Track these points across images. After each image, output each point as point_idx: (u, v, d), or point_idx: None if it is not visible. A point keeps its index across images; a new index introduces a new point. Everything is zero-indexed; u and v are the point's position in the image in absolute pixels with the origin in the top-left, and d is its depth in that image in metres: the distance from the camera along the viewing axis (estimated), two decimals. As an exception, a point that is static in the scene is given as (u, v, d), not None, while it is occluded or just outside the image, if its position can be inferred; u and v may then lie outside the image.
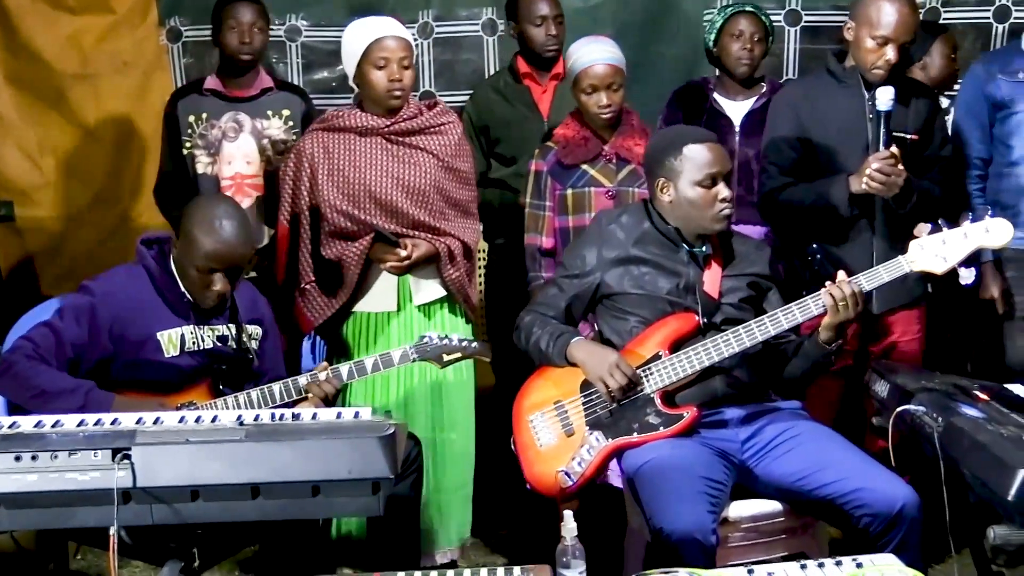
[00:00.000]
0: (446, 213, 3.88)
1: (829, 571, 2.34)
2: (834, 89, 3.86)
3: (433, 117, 3.86)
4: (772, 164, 3.91)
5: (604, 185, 4.03)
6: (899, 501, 2.96)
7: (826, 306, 3.16)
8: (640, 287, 3.37)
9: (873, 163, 3.60)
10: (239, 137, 4.30)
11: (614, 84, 3.99)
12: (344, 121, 3.81)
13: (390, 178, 3.77)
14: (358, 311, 3.88)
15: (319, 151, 3.80)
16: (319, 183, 3.78)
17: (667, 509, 2.92)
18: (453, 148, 3.88)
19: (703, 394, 3.30)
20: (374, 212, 3.77)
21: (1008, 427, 2.80)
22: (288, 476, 2.45)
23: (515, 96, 4.60)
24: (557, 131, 4.15)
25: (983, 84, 4.13)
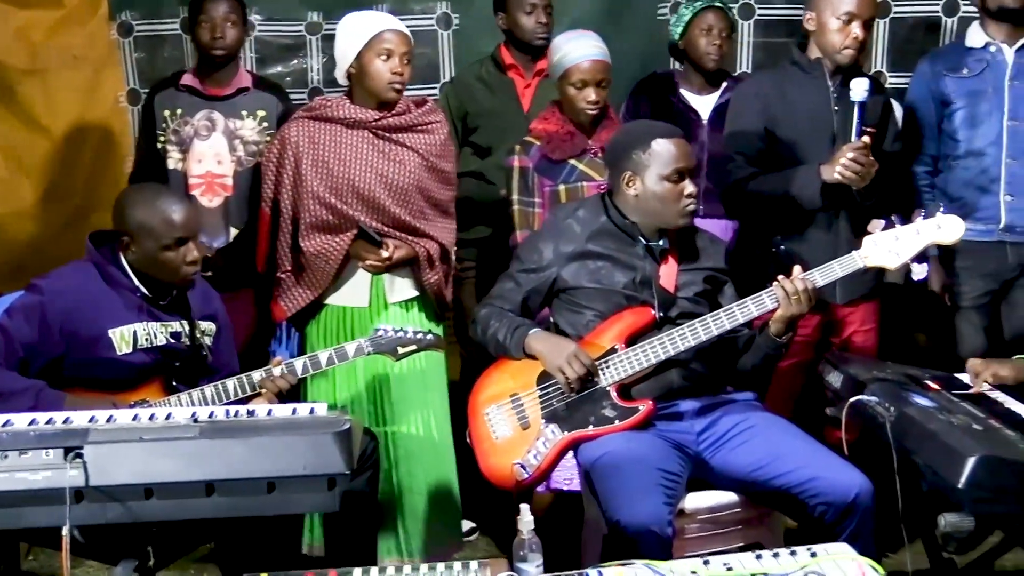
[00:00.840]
0: (426, 213, 3.86)
1: (784, 561, 2.35)
2: (801, 80, 3.89)
3: (421, 115, 3.84)
4: (739, 154, 3.92)
5: (596, 179, 3.98)
6: (853, 490, 2.99)
7: (778, 299, 3.18)
8: (596, 281, 3.38)
9: (848, 152, 3.62)
10: (211, 136, 4.25)
11: (603, 80, 3.96)
12: (332, 111, 3.79)
13: (374, 173, 3.76)
14: (331, 304, 3.86)
15: (304, 139, 3.77)
16: (302, 172, 3.76)
17: (623, 502, 2.93)
18: (438, 148, 3.87)
19: (659, 387, 3.31)
20: (355, 206, 3.75)
21: (958, 416, 2.84)
22: (243, 473, 2.44)
23: (499, 86, 4.56)
24: (536, 126, 4.10)
25: (930, 81, 4.17)
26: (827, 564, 2.31)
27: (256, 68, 4.97)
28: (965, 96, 4.10)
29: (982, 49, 4.12)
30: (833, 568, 2.29)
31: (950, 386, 3.23)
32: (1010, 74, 4.05)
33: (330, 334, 3.85)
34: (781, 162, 3.85)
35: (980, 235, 4.11)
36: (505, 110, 4.50)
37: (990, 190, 4.09)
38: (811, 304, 3.19)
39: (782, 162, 3.85)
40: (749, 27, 5.16)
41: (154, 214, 3.22)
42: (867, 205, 3.77)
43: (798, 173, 3.78)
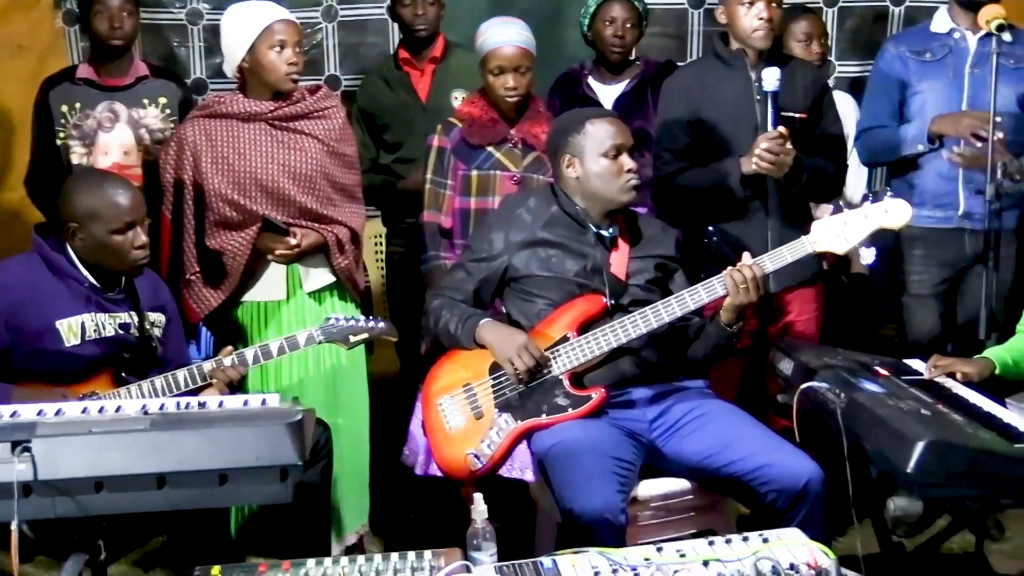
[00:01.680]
0: (333, 198, 3.82)
1: (737, 547, 2.37)
2: (722, 72, 3.91)
3: (316, 102, 3.80)
4: (666, 150, 3.94)
5: (510, 169, 4.00)
6: (804, 476, 3.02)
7: (727, 288, 3.19)
8: (548, 269, 3.38)
9: (762, 143, 3.65)
10: (115, 127, 4.18)
11: (522, 67, 3.96)
12: (226, 107, 3.74)
13: (275, 164, 3.71)
14: (247, 300, 3.82)
15: (201, 138, 3.72)
16: (202, 171, 3.70)
17: (577, 490, 2.94)
18: (337, 132, 3.83)
19: (611, 375, 3.32)
20: (260, 199, 3.70)
21: (907, 401, 2.87)
22: (194, 465, 2.42)
23: (396, 82, 4.60)
24: (462, 108, 4.11)
25: (892, 63, 4.20)
26: (779, 549, 2.33)
27: (204, 57, 5.04)
28: (926, 80, 4.13)
29: (946, 35, 4.16)
30: (785, 553, 2.31)
31: (899, 372, 3.27)
32: (971, 61, 4.08)
33: (247, 331, 3.81)
34: (709, 154, 3.87)
35: (939, 222, 4.15)
36: (404, 104, 4.55)
37: (949, 177, 4.12)
38: (761, 292, 3.21)
39: (710, 154, 3.86)
40: (699, 16, 5.19)
41: (101, 199, 3.18)
42: (794, 191, 3.80)
43: (721, 166, 3.80)
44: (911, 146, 4.10)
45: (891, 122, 4.22)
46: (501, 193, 3.95)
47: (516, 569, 2.34)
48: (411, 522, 4.31)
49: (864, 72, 5.02)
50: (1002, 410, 2.95)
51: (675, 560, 2.30)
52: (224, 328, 3.86)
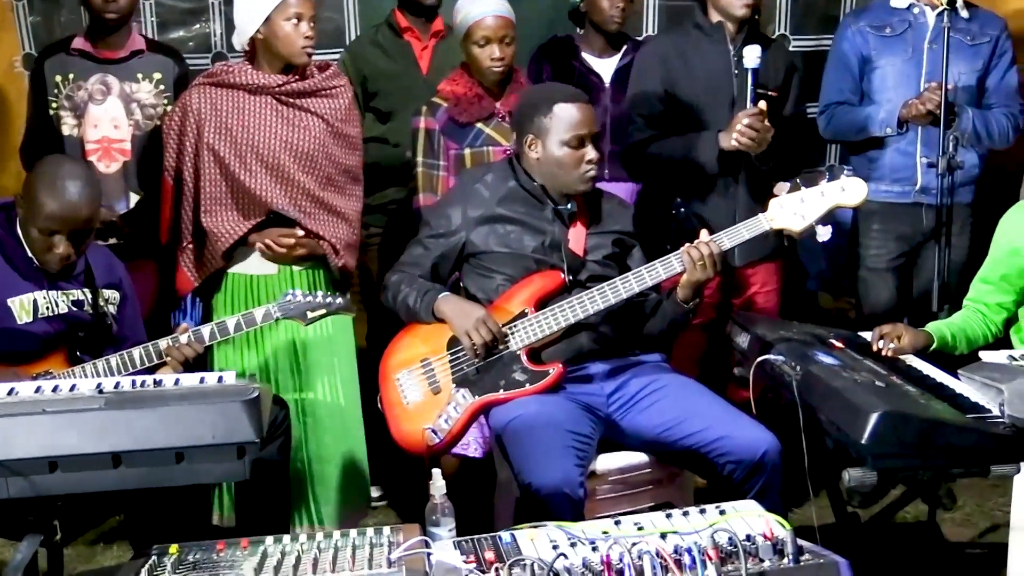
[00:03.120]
0: (334, 179, 3.82)
1: (694, 519, 2.38)
2: (701, 43, 3.91)
3: (325, 80, 3.79)
4: (639, 116, 3.94)
5: (502, 144, 3.96)
6: (761, 448, 3.04)
7: (683, 265, 3.21)
8: (506, 245, 3.38)
9: (743, 119, 3.66)
10: (106, 100, 4.13)
11: (507, 37, 3.92)
12: (235, 77, 3.72)
13: (278, 140, 3.71)
14: (237, 273, 3.81)
15: (206, 106, 3.71)
16: (205, 140, 3.69)
17: (535, 464, 2.95)
18: (343, 112, 3.83)
19: (569, 350, 3.32)
20: (260, 174, 3.70)
21: (862, 373, 2.89)
22: (150, 443, 2.41)
23: (396, 50, 4.51)
24: (444, 87, 4.05)
25: (853, 38, 4.23)
26: (736, 521, 2.34)
27: (157, 33, 4.87)
28: (886, 55, 4.16)
29: (906, 10, 4.19)
30: (741, 525, 2.32)
31: (854, 345, 3.30)
32: (929, 37, 4.12)
33: (238, 303, 3.80)
34: (681, 125, 3.88)
35: (896, 197, 4.19)
36: (404, 73, 4.46)
37: (907, 152, 4.16)
38: (717, 269, 3.22)
39: (682, 125, 3.88)
40: (657, -10, 5.18)
41: (45, 192, 3.11)
42: (764, 169, 3.82)
43: (698, 138, 3.81)
44: (880, 128, 4.12)
45: (853, 97, 4.25)
46: None
47: (475, 544, 2.34)
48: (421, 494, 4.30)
49: (818, 47, 5.04)
50: (954, 381, 2.98)
51: (633, 533, 2.31)
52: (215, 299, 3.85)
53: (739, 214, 3.73)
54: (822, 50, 4.68)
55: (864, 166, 4.17)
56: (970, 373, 2.89)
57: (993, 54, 4.17)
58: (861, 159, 4.25)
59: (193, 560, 2.35)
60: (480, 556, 2.26)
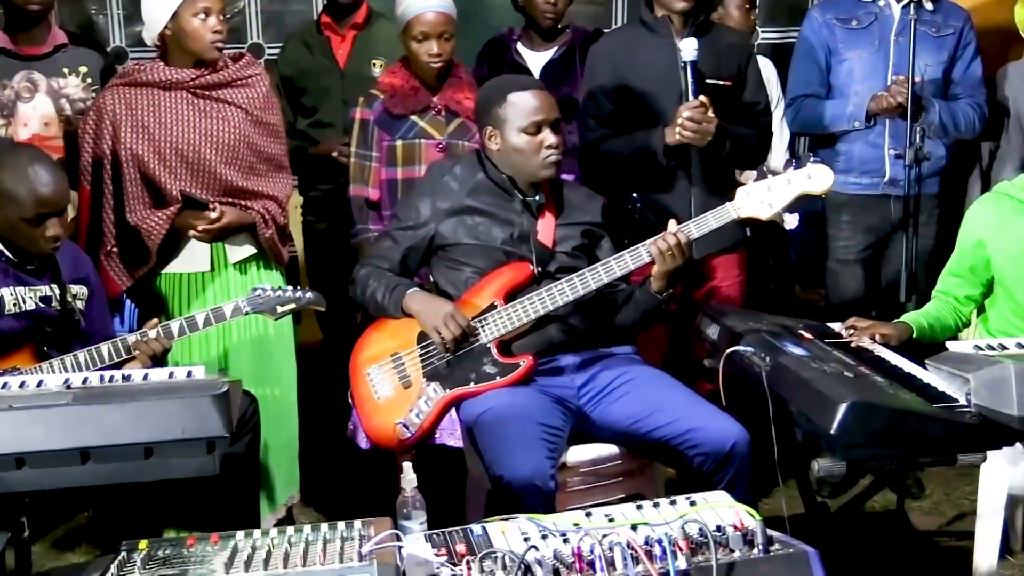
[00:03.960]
0: (256, 168, 3.78)
1: (664, 510, 2.39)
2: (647, 39, 3.91)
3: (239, 70, 3.75)
4: (591, 116, 3.95)
5: (434, 137, 3.99)
6: (730, 439, 3.05)
7: (653, 255, 3.21)
8: (475, 237, 3.37)
9: (684, 112, 3.67)
10: (34, 98, 4.08)
11: (445, 33, 3.94)
12: (147, 75, 3.67)
13: (197, 133, 3.66)
14: (170, 272, 3.77)
15: (121, 107, 3.65)
16: (122, 140, 3.64)
17: (506, 457, 2.95)
18: (261, 101, 3.79)
19: (539, 342, 3.33)
20: (180, 171, 3.65)
21: (831, 364, 2.90)
22: (119, 439, 2.39)
23: (316, 47, 4.56)
24: (383, 79, 4.09)
25: (819, 30, 4.25)
26: (706, 512, 2.35)
27: (124, 25, 4.98)
28: (853, 48, 4.19)
29: (871, 2, 4.22)
30: (711, 515, 2.33)
31: (823, 336, 3.31)
32: (896, 29, 4.15)
33: (171, 303, 3.76)
34: (634, 121, 3.87)
35: (865, 188, 4.22)
36: (322, 69, 4.52)
37: (875, 144, 4.19)
38: (686, 257, 3.23)
39: (635, 121, 3.87)
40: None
41: (20, 183, 3.10)
42: (717, 160, 3.83)
43: (645, 135, 3.81)
44: (848, 122, 4.15)
45: (820, 90, 4.27)
46: (427, 161, 3.94)
47: (446, 537, 2.34)
48: (343, 492, 4.30)
49: (786, 39, 5.06)
50: (922, 371, 3.00)
51: (604, 525, 2.32)
52: (148, 300, 3.80)
53: (695, 206, 3.74)
54: (791, 42, 4.70)
55: (832, 158, 4.20)
56: (937, 363, 2.91)
57: (958, 45, 4.20)
58: (829, 151, 4.27)
59: (163, 556, 2.33)
60: (451, 549, 2.26)
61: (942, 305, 3.53)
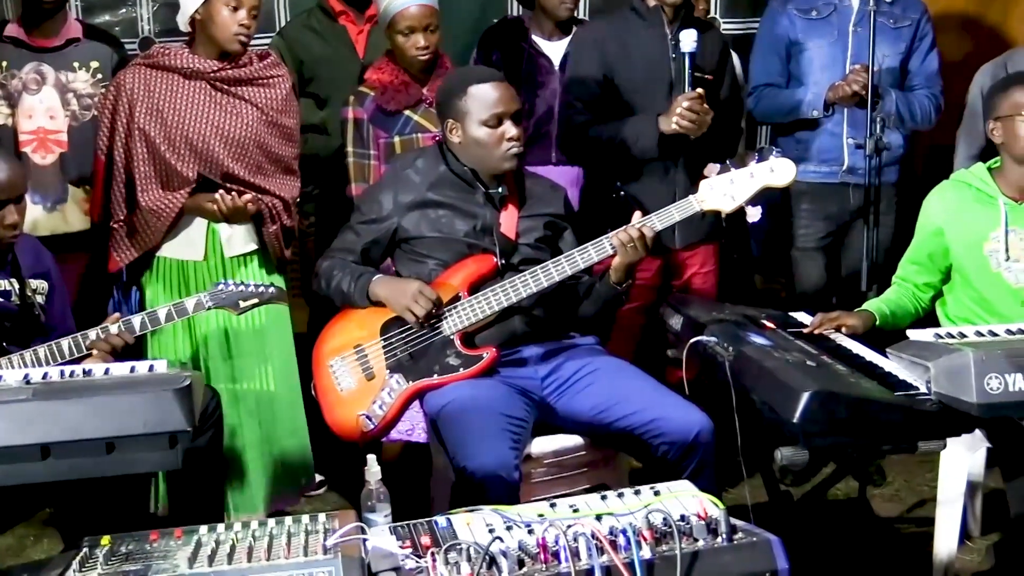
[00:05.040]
0: (264, 168, 3.78)
1: (629, 500, 2.39)
2: (638, 27, 3.92)
3: (263, 68, 3.75)
4: (577, 100, 3.95)
5: (431, 130, 3.96)
6: (694, 429, 3.06)
7: (615, 247, 3.22)
8: (438, 230, 3.37)
9: (683, 102, 3.68)
10: (41, 90, 4.03)
11: (431, 25, 3.92)
12: (170, 60, 3.67)
13: (209, 126, 3.66)
14: (165, 256, 3.77)
15: (139, 87, 3.65)
16: (136, 120, 3.64)
17: (470, 448, 2.95)
18: (280, 103, 3.79)
19: (502, 334, 3.33)
20: (188, 159, 3.65)
21: (793, 353, 2.92)
22: (80, 434, 2.37)
23: (332, 35, 4.48)
24: (370, 75, 4.04)
25: (780, 21, 4.27)
26: (670, 501, 2.36)
27: (83, 17, 4.77)
28: (813, 38, 4.21)
29: None
30: (676, 505, 2.34)
31: (786, 325, 3.33)
32: (854, 20, 4.17)
33: (167, 287, 3.76)
34: (619, 109, 3.89)
35: (824, 177, 4.25)
36: (340, 58, 4.43)
37: (834, 133, 4.21)
38: (648, 250, 3.24)
39: (620, 109, 3.89)
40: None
41: None
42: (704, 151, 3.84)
43: (637, 122, 3.83)
44: (807, 111, 4.17)
45: (780, 79, 4.29)
46: None
47: (411, 529, 2.34)
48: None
49: (746, 30, 5.08)
50: (883, 360, 3.03)
51: (568, 515, 2.32)
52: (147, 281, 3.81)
53: (679, 197, 3.74)
54: (752, 33, 4.71)
55: (792, 147, 4.22)
56: (898, 351, 2.94)
57: (915, 37, 4.24)
58: (789, 140, 4.29)
59: (126, 551, 2.32)
60: (416, 541, 2.26)
61: (902, 291, 3.57)
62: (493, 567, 2.14)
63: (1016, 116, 3.35)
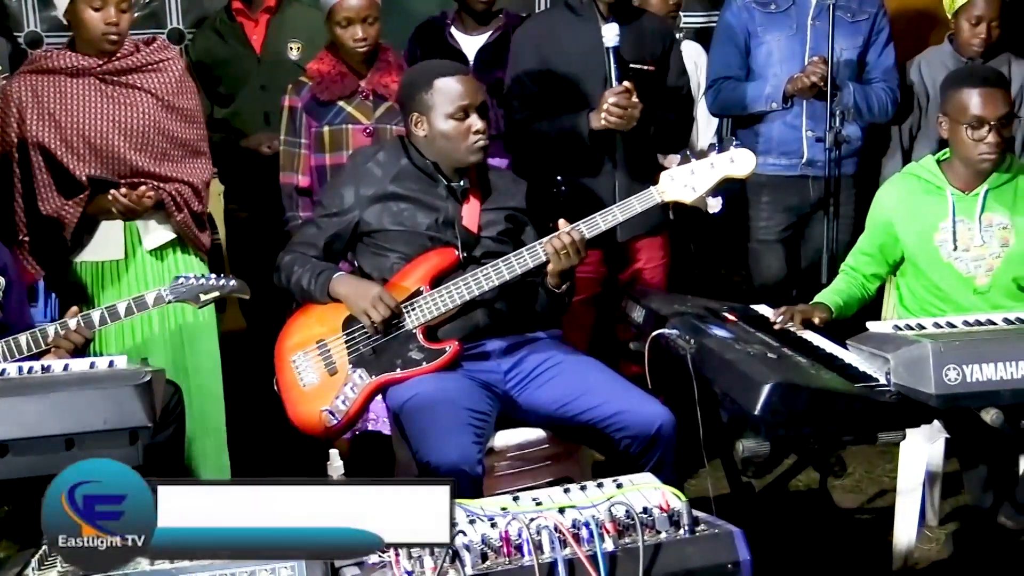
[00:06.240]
0: (170, 154, 3.71)
1: (592, 493, 2.40)
2: (573, 23, 3.91)
3: (151, 54, 3.68)
4: (516, 98, 3.95)
5: (362, 122, 3.96)
6: (656, 421, 3.07)
7: (548, 254, 3.22)
8: (399, 223, 3.36)
9: (609, 98, 3.68)
10: None
11: (369, 17, 3.90)
12: (53, 62, 3.59)
13: (106, 121, 3.59)
14: (84, 260, 3.70)
15: (27, 94, 3.57)
16: (29, 129, 3.56)
17: (433, 442, 2.95)
18: (174, 85, 3.72)
19: (465, 327, 3.32)
20: (89, 159, 3.58)
21: (754, 345, 2.94)
22: (39, 431, 2.36)
23: (229, 34, 4.51)
24: (311, 66, 4.05)
25: (739, 14, 4.28)
26: (632, 494, 2.36)
27: (39, 10, 4.75)
28: (771, 31, 4.23)
29: None
30: (638, 497, 2.35)
31: (746, 318, 3.35)
32: (812, 13, 4.20)
33: (89, 292, 3.70)
34: (559, 104, 3.88)
35: (784, 169, 4.27)
36: (238, 56, 4.47)
37: (793, 125, 4.24)
38: (581, 256, 3.24)
39: (560, 104, 3.88)
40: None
41: None
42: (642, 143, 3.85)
43: (570, 119, 3.82)
44: (765, 103, 4.20)
45: (740, 72, 4.30)
46: (355, 147, 3.91)
47: (374, 524, 2.33)
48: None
49: (709, 23, 5.10)
50: (843, 351, 3.05)
51: (531, 509, 2.33)
52: (67, 289, 3.74)
53: (619, 190, 3.77)
54: (712, 27, 4.73)
55: (752, 140, 4.24)
56: (858, 343, 2.96)
57: (872, 31, 4.27)
58: (748, 132, 4.31)
59: (86, 549, 2.30)
60: (379, 536, 2.26)
61: (851, 280, 3.60)
62: (457, 561, 2.14)
63: (958, 122, 3.37)
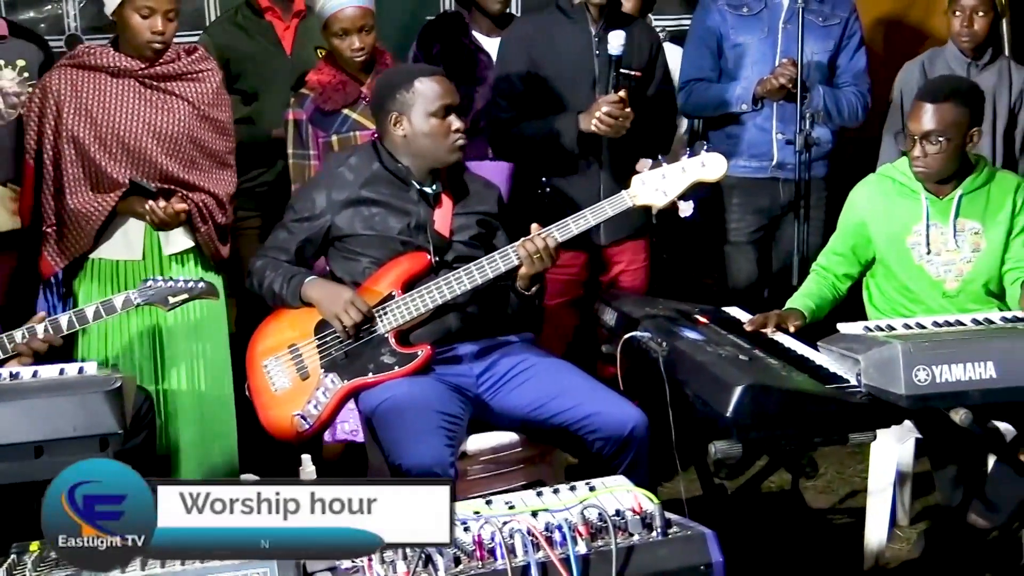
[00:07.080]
0: (199, 163, 3.73)
1: (564, 496, 2.40)
2: (563, 25, 3.93)
3: (192, 63, 3.70)
4: (503, 97, 3.95)
5: (368, 128, 3.94)
6: (629, 424, 3.08)
7: (521, 258, 3.23)
8: (371, 228, 3.36)
9: (603, 106, 3.69)
10: None
11: (365, 26, 3.90)
12: (96, 59, 3.60)
13: (141, 124, 3.61)
14: (101, 258, 3.70)
15: (66, 88, 3.59)
16: (64, 122, 3.58)
17: (405, 446, 2.95)
18: (211, 96, 3.74)
19: (437, 331, 3.32)
20: (121, 158, 3.59)
21: (726, 348, 2.95)
22: (7, 438, 2.34)
23: (258, 31, 4.46)
24: (310, 77, 4.03)
25: (712, 16, 4.29)
26: (605, 497, 2.37)
27: (5, 13, 4.68)
28: (743, 34, 4.25)
29: None
30: (611, 500, 2.35)
31: (718, 320, 3.36)
32: (784, 17, 4.21)
33: (102, 290, 3.68)
34: (545, 105, 3.89)
35: (754, 172, 4.28)
36: (267, 54, 4.42)
37: (763, 128, 4.25)
38: (553, 259, 3.25)
39: (546, 105, 3.89)
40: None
41: None
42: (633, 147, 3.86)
43: (558, 120, 3.83)
44: (736, 105, 4.21)
45: (711, 74, 4.32)
46: None
47: (346, 528, 2.33)
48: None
49: (680, 26, 5.11)
50: (814, 353, 3.06)
51: (504, 512, 2.33)
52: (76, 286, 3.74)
53: (603, 193, 3.76)
54: (684, 29, 4.74)
55: (723, 142, 4.25)
56: (829, 345, 2.98)
57: (843, 35, 4.29)
58: (719, 134, 4.33)
59: (55, 557, 2.28)
60: (352, 541, 2.25)
61: (821, 280, 3.61)
62: (429, 565, 2.14)
63: (911, 135, 3.41)
